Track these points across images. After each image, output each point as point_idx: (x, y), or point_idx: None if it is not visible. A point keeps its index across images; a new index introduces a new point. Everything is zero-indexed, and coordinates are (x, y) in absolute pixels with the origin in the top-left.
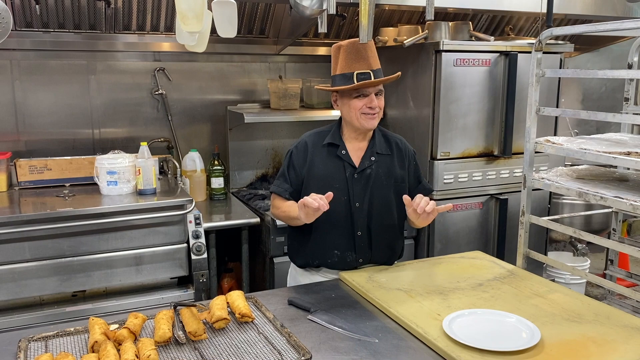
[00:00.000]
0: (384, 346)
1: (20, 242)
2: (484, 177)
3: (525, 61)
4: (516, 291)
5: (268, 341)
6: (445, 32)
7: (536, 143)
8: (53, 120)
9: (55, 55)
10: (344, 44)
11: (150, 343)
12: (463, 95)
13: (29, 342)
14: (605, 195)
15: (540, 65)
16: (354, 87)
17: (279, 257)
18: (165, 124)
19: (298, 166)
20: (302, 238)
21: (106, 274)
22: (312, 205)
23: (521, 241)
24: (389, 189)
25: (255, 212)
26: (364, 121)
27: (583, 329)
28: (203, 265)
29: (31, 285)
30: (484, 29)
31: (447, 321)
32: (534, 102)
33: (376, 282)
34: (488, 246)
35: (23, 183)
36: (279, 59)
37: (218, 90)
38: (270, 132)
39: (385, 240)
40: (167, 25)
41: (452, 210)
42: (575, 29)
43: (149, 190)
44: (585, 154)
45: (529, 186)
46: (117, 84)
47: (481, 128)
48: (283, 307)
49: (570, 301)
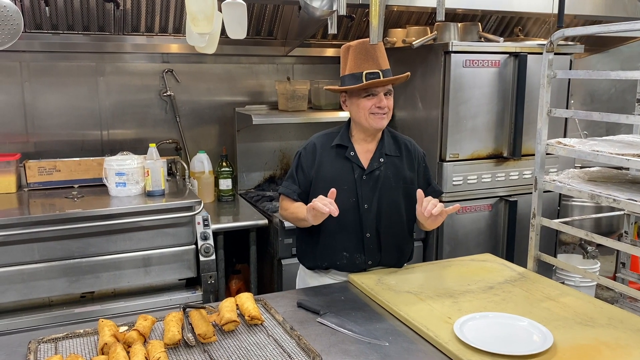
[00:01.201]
0: (394, 349)
1: (29, 243)
2: (493, 178)
3: (534, 62)
4: (527, 294)
5: (278, 344)
6: (454, 33)
7: (547, 145)
8: (62, 121)
9: (64, 57)
10: (353, 45)
11: (160, 345)
12: (472, 97)
13: (39, 343)
14: (619, 198)
15: (551, 66)
16: (363, 87)
17: (287, 259)
18: (173, 125)
19: (306, 167)
20: (310, 240)
21: (115, 276)
22: (322, 210)
23: (532, 244)
24: (398, 191)
25: (263, 213)
26: (373, 121)
27: (596, 333)
28: (211, 266)
29: (40, 287)
30: (493, 30)
31: (458, 324)
32: (545, 103)
33: (386, 284)
34: (497, 248)
35: (32, 184)
36: (287, 60)
37: (226, 92)
38: (278, 134)
39: (394, 242)
40: (176, 26)
41: (461, 212)
42: (587, 29)
43: (157, 192)
44: (597, 156)
45: (540, 188)
46: (125, 86)
47: (490, 129)
48: (292, 309)
49: (582, 305)
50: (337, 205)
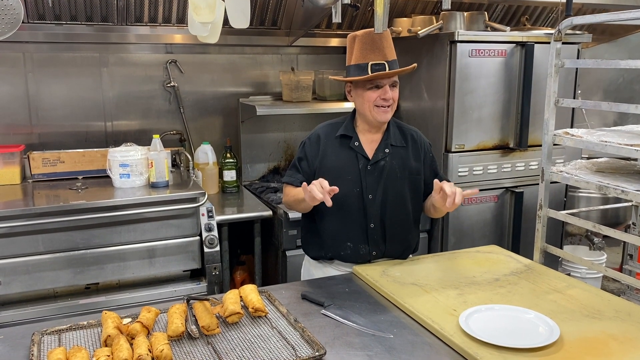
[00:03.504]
0: (399, 342)
1: (33, 234)
2: (499, 169)
3: (541, 52)
4: (534, 286)
5: (282, 336)
6: (460, 22)
7: (555, 135)
8: (66, 112)
9: (68, 48)
10: (359, 34)
11: (163, 337)
12: (478, 87)
13: (43, 335)
14: (627, 189)
15: (559, 55)
16: (368, 78)
17: (291, 250)
18: (177, 116)
19: (310, 157)
20: (314, 230)
21: (119, 267)
22: (316, 196)
23: (539, 235)
24: (404, 182)
25: (267, 205)
26: (377, 114)
27: (603, 326)
28: (216, 258)
29: (45, 278)
30: (500, 19)
31: (463, 317)
32: (553, 93)
33: (390, 276)
34: (503, 240)
35: (36, 176)
36: (291, 50)
37: (230, 83)
38: (283, 125)
39: (400, 233)
40: (179, 16)
41: (467, 204)
42: (597, 17)
43: (161, 183)
44: (606, 147)
45: (547, 179)
46: (129, 77)
47: (496, 120)
48: (296, 301)
49: (589, 297)
50: (341, 195)
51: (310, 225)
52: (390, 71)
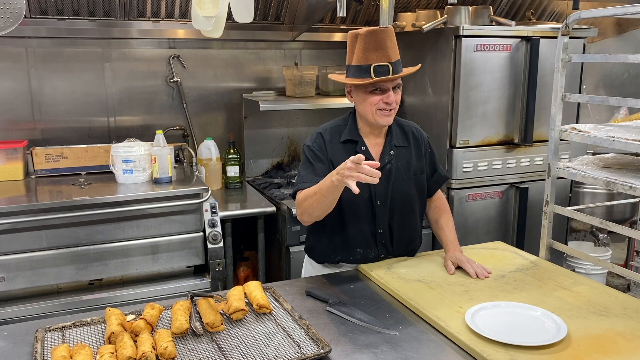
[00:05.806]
0: (404, 339)
1: (37, 230)
2: (504, 165)
3: (546, 47)
4: (540, 283)
5: (286, 333)
6: (465, 16)
7: (562, 131)
8: (69, 108)
9: (71, 43)
10: (361, 32)
11: (168, 334)
12: (483, 82)
13: (46, 332)
14: (635, 185)
15: (566, 50)
16: (371, 83)
17: (295, 246)
18: (180, 112)
19: (323, 156)
20: (324, 237)
21: (122, 263)
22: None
23: (544, 232)
24: (409, 182)
25: (271, 200)
26: (379, 118)
27: (611, 323)
28: (219, 254)
29: (48, 274)
30: (505, 13)
31: (469, 314)
32: (560, 88)
33: (395, 273)
34: (507, 236)
35: (39, 171)
36: (295, 45)
37: (233, 78)
38: (286, 120)
39: (406, 235)
40: (182, 11)
41: (471, 199)
42: (604, 11)
43: (164, 179)
44: (613, 142)
45: (553, 175)
46: (132, 72)
47: (501, 115)
48: (301, 298)
49: (596, 294)
50: (351, 202)
51: (320, 233)
52: (394, 76)
